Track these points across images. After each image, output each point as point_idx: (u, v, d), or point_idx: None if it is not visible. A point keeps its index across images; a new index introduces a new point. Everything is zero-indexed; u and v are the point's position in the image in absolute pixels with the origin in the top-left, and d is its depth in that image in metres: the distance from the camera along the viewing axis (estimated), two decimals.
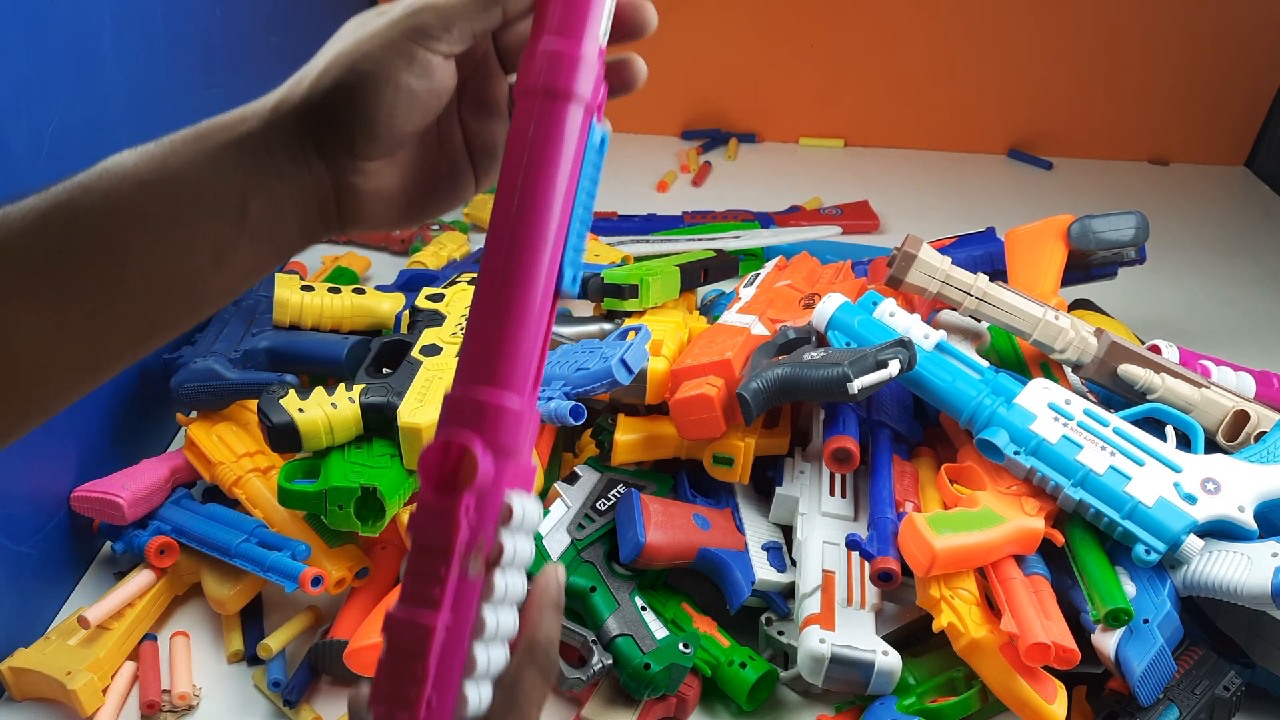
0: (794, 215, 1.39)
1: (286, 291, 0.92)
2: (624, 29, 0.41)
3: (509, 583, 0.38)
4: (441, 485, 0.37)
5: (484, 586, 0.38)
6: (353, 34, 0.40)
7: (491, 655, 0.38)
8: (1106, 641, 0.70)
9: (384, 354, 0.86)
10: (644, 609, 0.74)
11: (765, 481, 0.84)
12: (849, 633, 0.70)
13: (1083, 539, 0.75)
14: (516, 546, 0.38)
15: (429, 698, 0.37)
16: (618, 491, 0.81)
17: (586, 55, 0.39)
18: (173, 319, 0.40)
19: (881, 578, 0.72)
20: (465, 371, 0.38)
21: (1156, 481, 0.74)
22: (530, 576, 0.41)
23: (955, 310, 0.88)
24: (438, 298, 0.91)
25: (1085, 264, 1.04)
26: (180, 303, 0.40)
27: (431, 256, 1.19)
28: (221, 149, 0.39)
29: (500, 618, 0.38)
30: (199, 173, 0.39)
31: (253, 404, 0.87)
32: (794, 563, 0.79)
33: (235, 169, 0.39)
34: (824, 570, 0.75)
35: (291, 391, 0.77)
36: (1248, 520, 0.73)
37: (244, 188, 0.39)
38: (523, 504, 0.38)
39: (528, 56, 0.39)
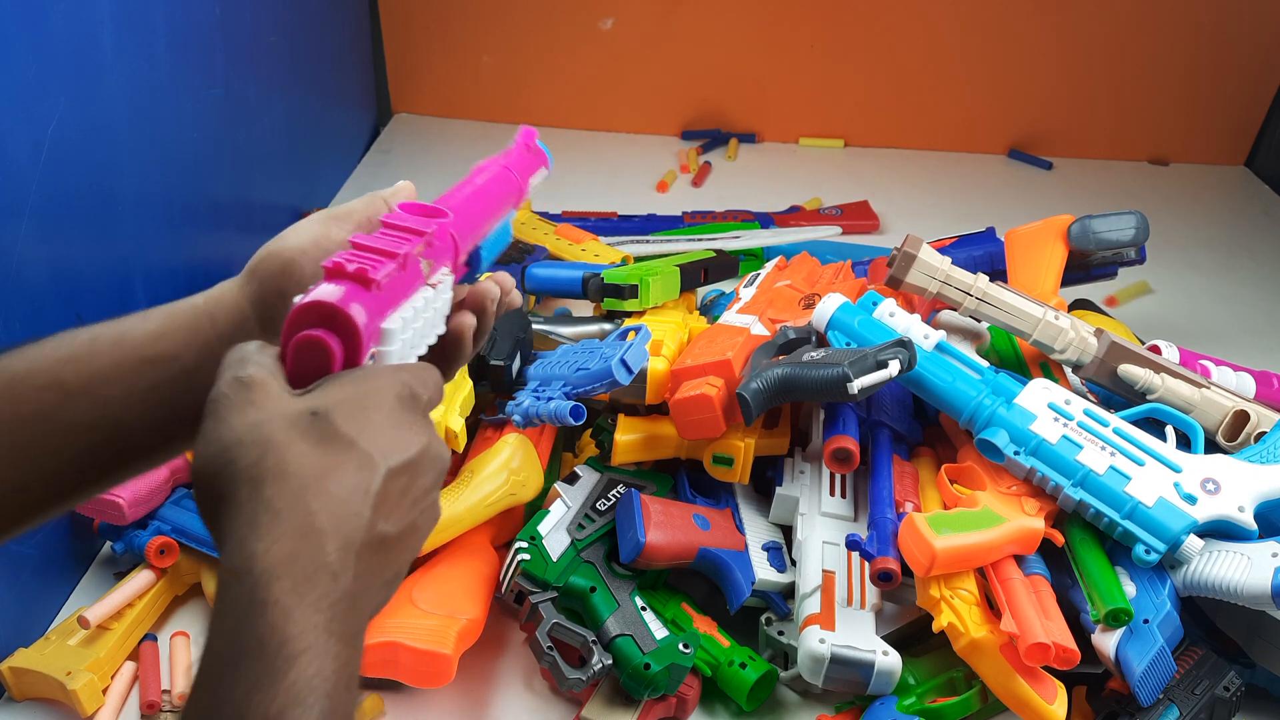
0: (794, 215, 1.39)
1: None
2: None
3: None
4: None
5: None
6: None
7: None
8: (1106, 641, 0.70)
9: None
10: (644, 609, 0.74)
11: (765, 481, 0.84)
12: (849, 633, 0.70)
13: (1083, 539, 0.75)
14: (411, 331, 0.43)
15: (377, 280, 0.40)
16: (618, 491, 0.81)
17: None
18: (110, 463, 0.45)
19: (881, 578, 0.72)
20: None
21: (1156, 481, 0.74)
22: None
23: (955, 310, 0.88)
24: None
25: (1085, 264, 1.04)
26: (118, 449, 0.44)
27: None
28: (168, 314, 0.46)
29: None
30: (144, 330, 0.45)
31: None
32: (794, 563, 0.79)
33: (178, 327, 0.45)
34: (824, 570, 0.75)
35: None
36: (1248, 520, 0.73)
37: (184, 342, 0.45)
38: (393, 321, 0.42)
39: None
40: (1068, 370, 0.88)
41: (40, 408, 0.42)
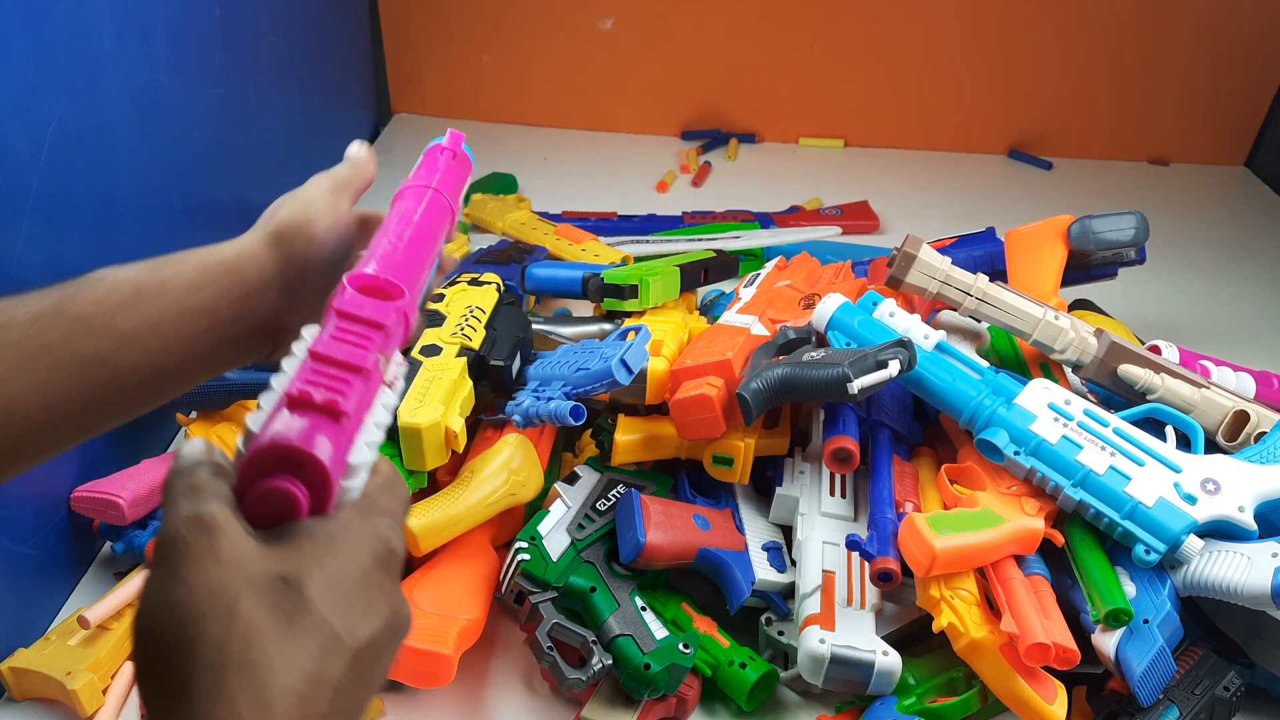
0: (794, 215, 1.39)
1: None
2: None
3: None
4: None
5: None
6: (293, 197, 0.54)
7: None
8: (1106, 641, 0.70)
9: None
10: (644, 609, 0.74)
11: (765, 481, 0.84)
12: (849, 633, 0.70)
13: (1083, 539, 0.75)
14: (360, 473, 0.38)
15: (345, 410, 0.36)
16: (618, 491, 0.81)
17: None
18: (139, 401, 0.49)
19: (881, 578, 0.72)
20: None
21: (1156, 482, 0.74)
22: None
23: (955, 310, 0.88)
24: (437, 298, 0.91)
25: (1085, 264, 1.04)
26: (149, 389, 0.49)
27: None
28: (202, 268, 0.49)
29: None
30: (184, 282, 0.49)
31: (253, 404, 0.87)
32: (794, 563, 0.79)
33: (212, 281, 0.49)
34: (824, 570, 0.75)
35: None
36: (1248, 520, 0.73)
37: (218, 297, 0.49)
38: (358, 460, 0.37)
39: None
40: (1068, 370, 0.88)
41: (100, 349, 0.46)
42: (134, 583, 0.78)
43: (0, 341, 0.44)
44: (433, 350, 0.83)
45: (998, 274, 0.98)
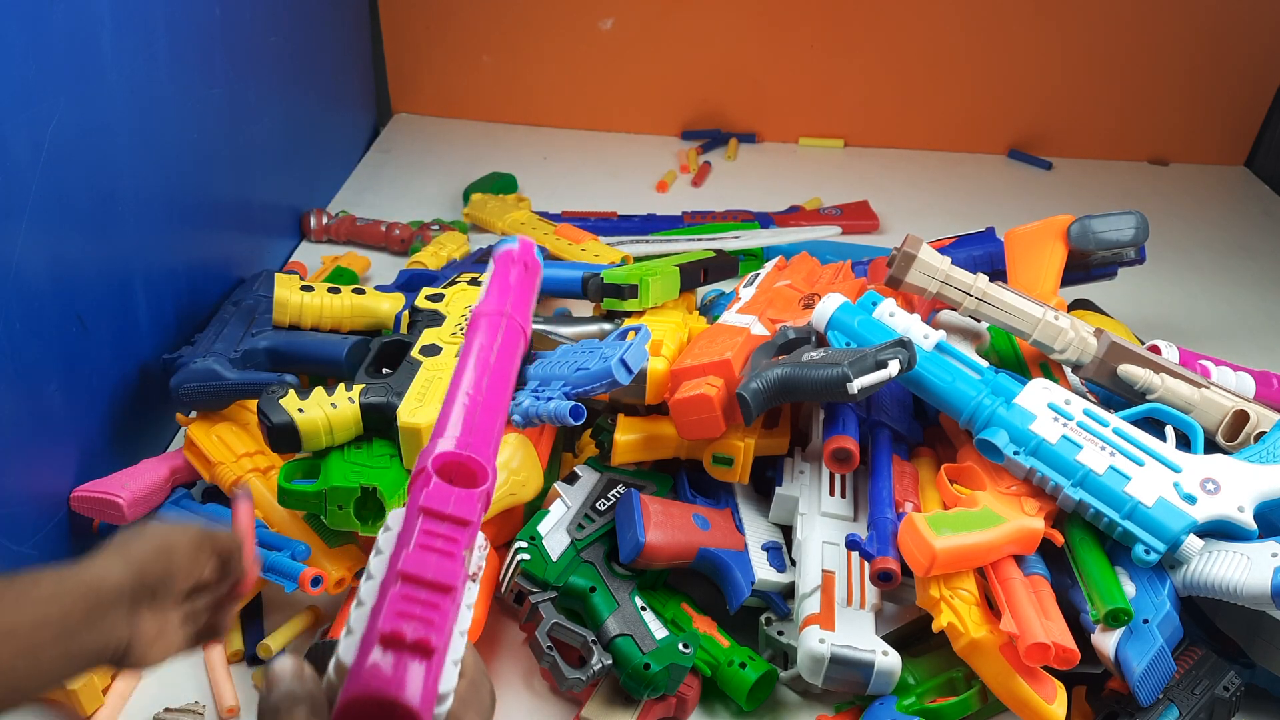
0: (794, 215, 1.39)
1: (286, 292, 0.92)
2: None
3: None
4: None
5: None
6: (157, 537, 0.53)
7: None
8: (1106, 641, 0.70)
9: (384, 354, 0.86)
10: (644, 609, 0.74)
11: (765, 481, 0.84)
12: (849, 633, 0.70)
13: (1082, 539, 0.75)
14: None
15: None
16: (618, 491, 0.81)
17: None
18: None
19: (881, 578, 0.72)
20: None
21: (1156, 481, 0.74)
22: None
23: (955, 310, 0.88)
24: (437, 298, 0.91)
25: (1085, 264, 1.04)
26: None
27: (431, 256, 1.19)
28: (59, 580, 0.49)
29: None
30: (38, 594, 0.48)
31: (253, 404, 0.87)
32: (794, 563, 0.79)
33: (67, 592, 0.49)
34: (824, 570, 0.75)
35: (291, 392, 0.77)
36: (1247, 520, 0.73)
37: (68, 612, 0.48)
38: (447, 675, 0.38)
39: None
40: (1068, 370, 0.88)
41: None
42: None
43: None
44: (433, 350, 0.83)
45: (998, 274, 0.98)
